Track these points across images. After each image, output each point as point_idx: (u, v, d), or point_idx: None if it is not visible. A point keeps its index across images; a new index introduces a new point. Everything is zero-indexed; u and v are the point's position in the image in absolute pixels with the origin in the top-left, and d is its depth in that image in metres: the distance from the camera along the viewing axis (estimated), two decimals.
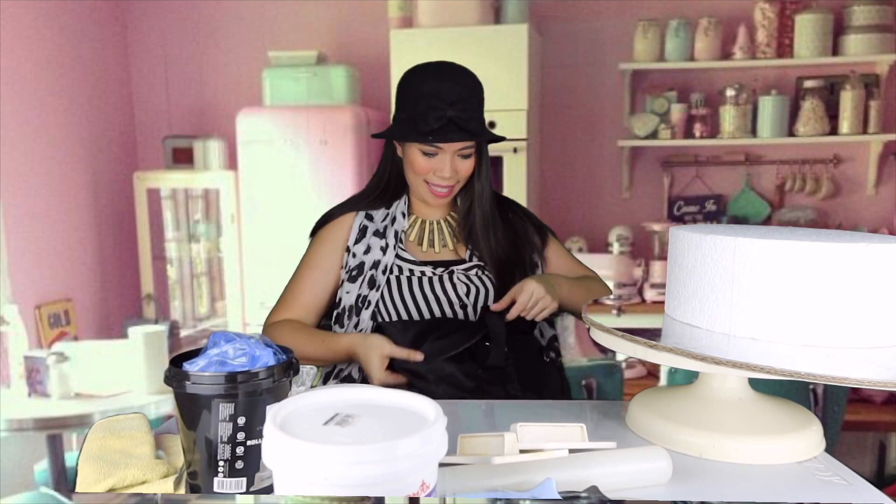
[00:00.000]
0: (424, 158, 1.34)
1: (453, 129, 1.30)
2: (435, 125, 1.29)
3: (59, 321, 3.01)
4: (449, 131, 1.30)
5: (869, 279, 0.83)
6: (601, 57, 3.28)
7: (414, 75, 1.35)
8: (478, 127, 1.32)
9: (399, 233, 1.40)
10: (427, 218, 1.44)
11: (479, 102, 1.34)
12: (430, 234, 1.42)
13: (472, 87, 1.34)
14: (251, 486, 0.75)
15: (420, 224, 1.43)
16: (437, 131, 1.30)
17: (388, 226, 1.40)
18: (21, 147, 2.85)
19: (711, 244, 0.90)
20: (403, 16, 3.02)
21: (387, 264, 1.37)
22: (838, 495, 0.80)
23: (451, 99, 1.29)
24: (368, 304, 1.35)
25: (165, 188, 3.38)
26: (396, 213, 1.42)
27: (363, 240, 1.39)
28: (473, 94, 1.33)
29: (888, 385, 0.75)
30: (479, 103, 1.35)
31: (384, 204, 1.43)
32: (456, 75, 1.34)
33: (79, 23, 3.19)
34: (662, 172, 3.33)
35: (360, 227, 1.41)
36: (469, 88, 1.33)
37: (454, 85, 1.31)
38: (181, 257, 3.44)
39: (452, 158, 1.33)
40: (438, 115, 1.29)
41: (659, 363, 0.90)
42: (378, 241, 1.39)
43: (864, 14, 2.99)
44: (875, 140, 3.10)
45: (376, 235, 1.39)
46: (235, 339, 0.77)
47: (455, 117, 1.29)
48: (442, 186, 1.36)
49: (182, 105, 3.52)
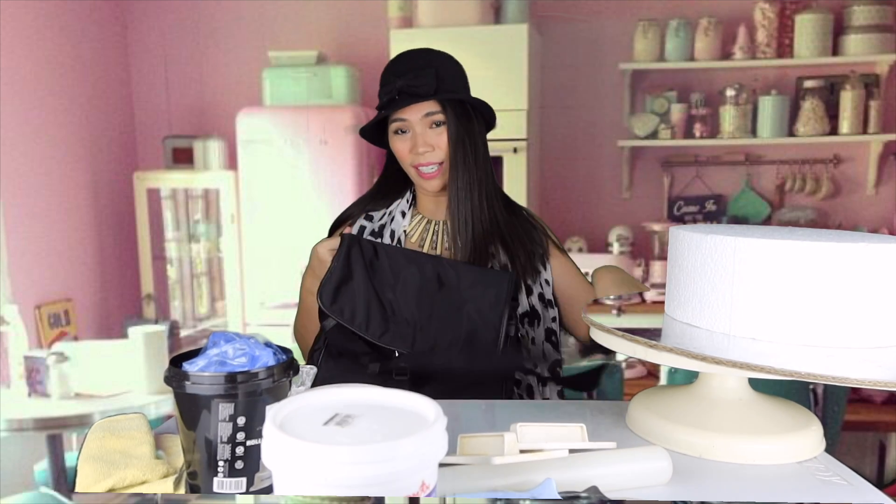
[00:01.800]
0: (399, 140, 1.32)
1: (404, 97, 1.28)
2: (385, 98, 1.29)
3: (59, 321, 3.01)
4: (399, 102, 1.28)
5: (869, 279, 0.83)
6: (601, 57, 3.28)
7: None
8: (430, 89, 1.28)
9: (396, 232, 1.37)
10: (432, 218, 1.40)
11: (436, 70, 1.29)
12: (432, 235, 1.39)
13: (430, 57, 1.32)
14: (251, 486, 0.75)
15: (424, 224, 1.40)
16: (387, 104, 1.29)
17: (385, 224, 1.38)
18: (21, 147, 2.85)
19: (711, 244, 0.90)
20: (403, 16, 3.03)
21: None
22: (838, 495, 0.80)
23: (402, 71, 1.29)
24: None
25: (165, 188, 3.38)
26: (396, 211, 1.39)
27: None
28: (430, 64, 1.30)
29: (888, 385, 0.75)
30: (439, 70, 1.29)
31: (385, 203, 1.41)
32: (415, 53, 1.33)
33: (79, 23, 3.19)
34: (662, 172, 3.33)
35: (359, 229, 1.39)
36: (426, 60, 1.31)
37: (407, 60, 1.31)
38: (181, 257, 3.44)
39: (423, 131, 1.31)
40: (388, 88, 1.29)
41: (659, 363, 0.89)
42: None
43: (864, 14, 2.99)
44: (875, 140, 3.10)
45: (372, 236, 1.38)
46: (235, 339, 0.77)
47: (404, 86, 1.27)
48: (425, 165, 1.32)
49: (182, 105, 3.52)
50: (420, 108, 1.29)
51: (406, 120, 1.30)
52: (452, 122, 1.30)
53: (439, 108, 1.30)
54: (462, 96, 1.32)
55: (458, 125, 1.31)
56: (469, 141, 1.32)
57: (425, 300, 1.26)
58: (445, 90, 1.29)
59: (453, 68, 1.34)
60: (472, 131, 1.33)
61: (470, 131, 1.32)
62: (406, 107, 1.29)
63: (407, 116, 1.30)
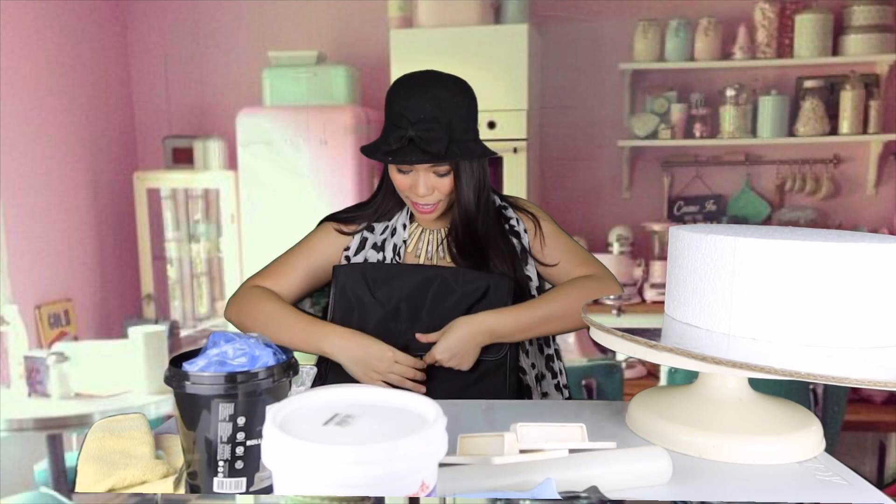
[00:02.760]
0: (400, 176, 1.30)
1: (414, 150, 1.24)
2: (395, 146, 1.25)
3: (59, 321, 3.01)
4: (408, 153, 1.24)
5: (869, 279, 0.83)
6: (601, 57, 3.28)
7: (393, 89, 1.30)
8: (441, 148, 1.24)
9: (397, 245, 1.38)
10: (428, 228, 1.40)
11: (449, 120, 1.25)
12: (428, 245, 1.39)
13: (444, 103, 1.25)
14: (251, 486, 0.75)
15: (420, 234, 1.40)
16: (395, 152, 1.25)
17: (387, 239, 1.38)
18: (21, 147, 2.85)
19: (711, 244, 0.90)
20: (403, 16, 3.02)
21: None
22: (838, 495, 0.80)
23: (415, 118, 1.24)
24: None
25: (165, 188, 3.38)
26: (397, 224, 1.39)
27: (361, 252, 1.38)
28: (444, 112, 1.24)
29: (888, 385, 0.75)
30: (452, 121, 1.25)
31: (385, 216, 1.40)
32: (427, 92, 1.26)
33: (79, 23, 3.19)
34: (662, 172, 3.33)
35: (361, 239, 1.39)
36: (439, 105, 1.24)
37: (421, 102, 1.24)
38: (181, 257, 3.44)
39: (427, 176, 1.28)
40: (399, 134, 1.24)
41: (659, 363, 0.90)
42: (375, 255, 1.37)
43: (864, 14, 2.99)
44: (875, 140, 3.10)
45: (374, 248, 1.38)
46: (235, 339, 0.77)
47: (416, 137, 1.23)
48: (422, 204, 1.32)
49: (182, 105, 3.52)
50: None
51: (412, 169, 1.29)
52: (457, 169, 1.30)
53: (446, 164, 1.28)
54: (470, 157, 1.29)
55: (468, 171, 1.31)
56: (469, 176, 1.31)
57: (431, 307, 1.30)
58: (456, 142, 1.26)
59: (464, 111, 1.29)
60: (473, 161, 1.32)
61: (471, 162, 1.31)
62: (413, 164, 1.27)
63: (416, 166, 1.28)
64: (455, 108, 1.27)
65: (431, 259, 1.38)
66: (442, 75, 1.31)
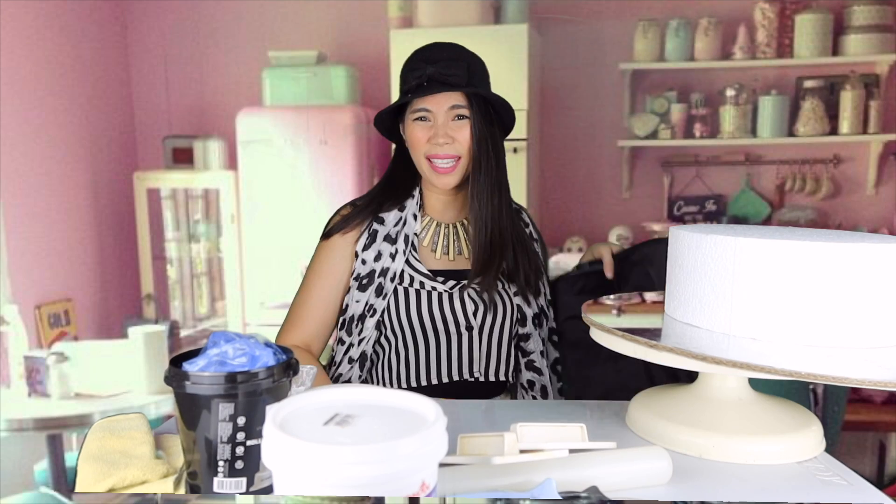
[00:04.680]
0: (418, 127, 1.29)
1: (433, 84, 1.26)
2: (414, 83, 1.27)
3: (59, 321, 3.01)
4: (429, 87, 1.26)
5: (869, 279, 0.83)
6: (601, 57, 3.28)
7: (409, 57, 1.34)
8: (462, 81, 1.25)
9: (410, 237, 1.33)
10: (441, 221, 1.37)
11: (468, 64, 1.28)
12: (444, 240, 1.36)
13: (463, 52, 1.30)
14: (251, 486, 0.75)
15: (434, 228, 1.36)
16: (415, 88, 1.27)
17: (399, 230, 1.33)
18: (21, 147, 2.85)
19: (711, 244, 0.90)
20: (403, 16, 3.02)
21: (395, 271, 1.30)
22: (838, 495, 0.80)
23: (434, 58, 1.27)
24: (374, 313, 1.30)
25: (165, 188, 3.38)
26: (408, 215, 1.34)
27: (373, 245, 1.32)
28: (462, 57, 1.28)
29: (888, 385, 0.75)
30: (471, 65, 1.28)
31: (396, 204, 1.35)
32: (446, 44, 1.31)
33: (79, 23, 3.19)
34: (662, 172, 3.33)
35: (371, 232, 1.33)
36: (458, 52, 1.29)
37: (440, 49, 1.29)
38: (181, 257, 3.44)
39: (446, 122, 1.28)
40: (418, 73, 1.26)
41: (659, 363, 0.89)
42: (388, 247, 1.31)
43: (864, 14, 2.99)
44: (875, 140, 3.10)
45: (387, 241, 1.32)
46: (235, 339, 0.77)
47: (435, 73, 1.25)
48: (441, 158, 1.28)
49: (182, 105, 3.52)
50: (447, 98, 1.27)
51: (430, 110, 1.28)
52: (477, 120, 1.28)
53: (465, 103, 1.28)
54: (491, 95, 1.30)
55: (483, 123, 1.29)
56: (491, 142, 1.30)
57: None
58: (475, 85, 1.29)
59: (482, 68, 1.33)
60: (494, 134, 1.32)
61: (492, 133, 1.31)
62: (434, 94, 1.26)
63: (432, 107, 1.27)
64: (472, 57, 1.31)
65: (447, 253, 1.36)
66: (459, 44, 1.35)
